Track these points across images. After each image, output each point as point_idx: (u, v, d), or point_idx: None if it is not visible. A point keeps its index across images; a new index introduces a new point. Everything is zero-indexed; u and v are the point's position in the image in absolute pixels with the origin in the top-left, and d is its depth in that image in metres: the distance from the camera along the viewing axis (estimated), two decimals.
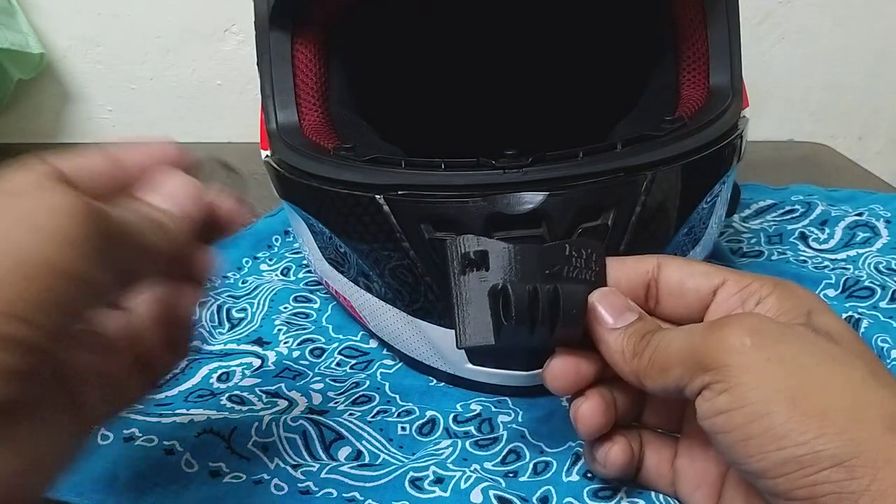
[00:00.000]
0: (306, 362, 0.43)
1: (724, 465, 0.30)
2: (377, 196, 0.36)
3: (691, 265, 0.32)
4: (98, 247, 0.22)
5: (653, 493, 0.33)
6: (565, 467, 0.35)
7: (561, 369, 0.31)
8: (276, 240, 0.57)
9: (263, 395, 0.40)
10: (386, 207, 0.36)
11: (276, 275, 0.53)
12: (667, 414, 0.33)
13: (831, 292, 0.49)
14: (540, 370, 0.32)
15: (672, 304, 0.32)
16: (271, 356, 0.44)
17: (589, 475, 0.34)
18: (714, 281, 0.31)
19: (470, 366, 0.38)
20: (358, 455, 0.36)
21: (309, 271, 0.52)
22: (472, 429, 0.38)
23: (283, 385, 0.41)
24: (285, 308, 0.49)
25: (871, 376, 0.25)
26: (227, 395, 0.40)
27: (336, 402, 0.40)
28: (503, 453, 0.36)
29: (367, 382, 0.41)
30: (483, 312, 0.31)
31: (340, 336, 0.46)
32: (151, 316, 0.29)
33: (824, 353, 0.26)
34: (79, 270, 0.21)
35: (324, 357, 0.44)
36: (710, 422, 0.26)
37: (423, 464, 0.35)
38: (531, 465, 0.35)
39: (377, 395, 0.40)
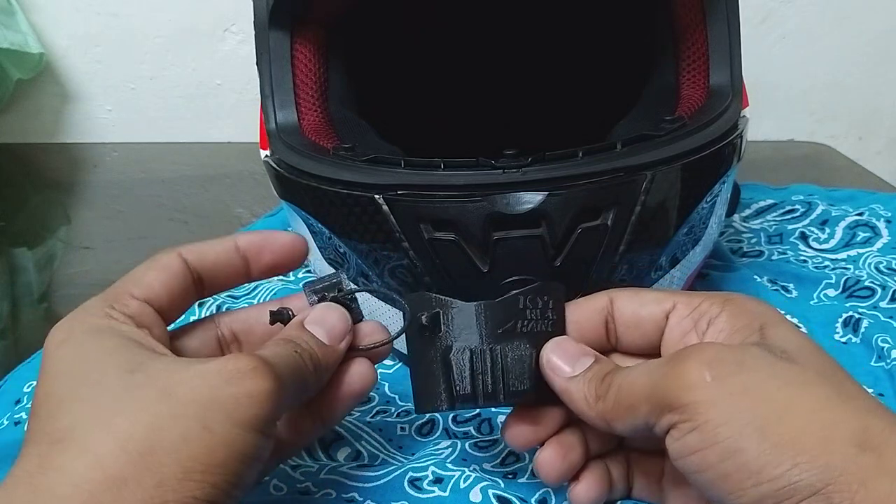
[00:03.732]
0: None
1: None
2: (376, 196, 0.36)
3: (641, 294, 0.31)
4: (275, 418, 0.27)
5: None
6: None
7: (518, 428, 0.31)
8: None
9: None
10: (385, 207, 0.36)
11: None
12: (645, 438, 0.33)
13: (831, 292, 0.49)
14: None
15: (630, 335, 0.31)
16: None
17: None
18: (665, 306, 0.30)
19: None
20: (357, 455, 0.36)
21: (309, 271, 0.52)
22: (471, 429, 0.38)
23: None
24: None
25: (835, 392, 0.25)
26: None
27: None
28: (503, 455, 0.36)
29: None
30: (436, 378, 0.31)
31: None
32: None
33: (785, 376, 0.25)
34: (253, 450, 0.26)
35: None
36: (684, 462, 0.25)
37: (423, 464, 0.35)
38: (530, 467, 0.35)
39: (376, 396, 0.40)
